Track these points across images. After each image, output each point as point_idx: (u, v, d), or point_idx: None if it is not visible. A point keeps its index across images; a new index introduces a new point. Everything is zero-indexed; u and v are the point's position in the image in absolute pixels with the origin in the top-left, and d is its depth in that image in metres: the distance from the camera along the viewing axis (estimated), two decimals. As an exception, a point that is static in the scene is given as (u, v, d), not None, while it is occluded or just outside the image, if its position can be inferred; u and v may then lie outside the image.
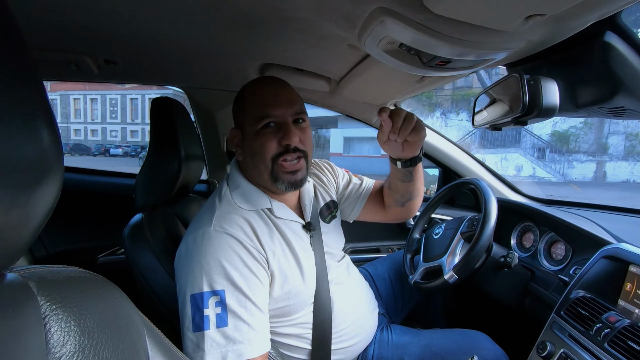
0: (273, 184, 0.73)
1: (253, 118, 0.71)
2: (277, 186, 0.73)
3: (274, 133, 0.71)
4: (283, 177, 0.72)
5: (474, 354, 0.75)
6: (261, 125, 0.71)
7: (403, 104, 1.43)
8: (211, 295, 0.61)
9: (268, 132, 0.71)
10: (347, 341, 0.81)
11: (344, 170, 1.05)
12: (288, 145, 0.71)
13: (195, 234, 0.67)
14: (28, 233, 0.26)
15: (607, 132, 14.48)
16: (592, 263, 0.79)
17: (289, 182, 0.73)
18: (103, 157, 22.51)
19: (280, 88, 0.74)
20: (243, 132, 0.75)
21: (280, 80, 0.76)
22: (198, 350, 0.58)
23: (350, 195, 1.00)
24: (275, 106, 0.71)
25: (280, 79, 0.77)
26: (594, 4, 0.49)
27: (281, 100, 0.72)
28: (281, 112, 0.71)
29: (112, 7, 0.69)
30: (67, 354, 0.26)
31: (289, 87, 0.76)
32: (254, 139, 0.72)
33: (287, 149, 0.71)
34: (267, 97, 0.72)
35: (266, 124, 0.71)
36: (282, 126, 0.71)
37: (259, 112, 0.71)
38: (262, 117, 0.70)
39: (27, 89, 0.24)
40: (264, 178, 0.74)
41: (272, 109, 0.71)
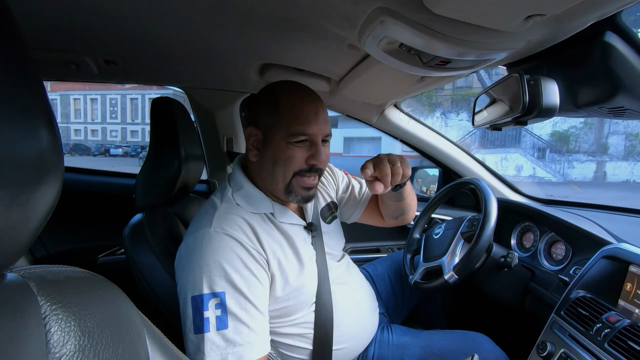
0: (285, 194, 0.74)
1: (287, 129, 0.69)
2: (289, 198, 0.74)
3: (304, 149, 0.71)
4: (298, 191, 0.73)
5: (475, 353, 0.75)
6: (295, 140, 0.69)
7: (403, 104, 1.43)
8: (211, 298, 0.61)
9: (299, 147, 0.70)
10: (348, 341, 0.81)
11: (343, 172, 1.05)
12: (314, 165, 0.71)
13: (195, 234, 0.66)
14: (28, 233, 0.26)
15: (607, 132, 14.49)
16: (592, 263, 0.79)
17: (303, 197, 0.74)
18: (103, 157, 22.52)
19: (319, 105, 0.73)
20: (267, 135, 0.72)
21: (317, 96, 0.75)
22: (199, 352, 0.58)
23: (350, 199, 1.01)
24: (314, 125, 0.70)
25: (315, 92, 0.75)
26: (594, 4, 0.49)
27: (319, 119, 0.71)
28: (316, 131, 0.70)
29: (112, 7, 0.69)
30: (67, 354, 0.26)
31: (324, 103, 0.75)
32: (282, 149, 0.70)
33: (312, 168, 0.72)
34: (307, 114, 0.70)
35: (300, 140, 0.70)
36: (312, 145, 0.71)
37: (297, 127, 0.69)
38: (298, 132, 0.69)
39: (27, 89, 0.24)
40: (278, 188, 0.73)
41: (311, 127, 0.70)
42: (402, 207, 0.94)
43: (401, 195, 0.89)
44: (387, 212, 0.99)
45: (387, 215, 1.01)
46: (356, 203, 1.01)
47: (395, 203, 0.92)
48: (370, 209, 1.02)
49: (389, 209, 0.97)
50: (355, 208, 1.01)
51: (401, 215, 0.98)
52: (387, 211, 0.99)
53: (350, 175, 1.07)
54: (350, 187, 1.02)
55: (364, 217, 1.03)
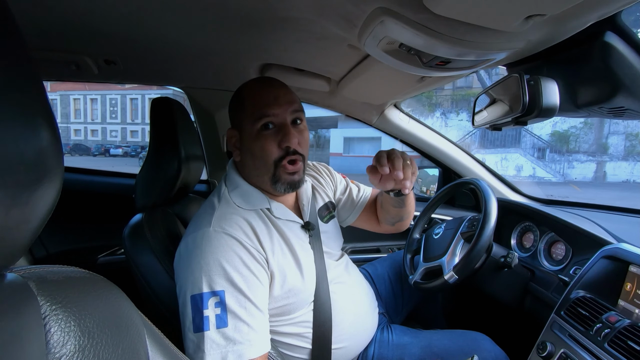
0: (272, 186, 0.74)
1: (252, 118, 0.71)
2: (276, 188, 0.74)
3: (273, 135, 0.71)
4: (284, 178, 0.73)
5: (474, 354, 0.75)
6: (260, 124, 0.71)
7: (403, 104, 1.43)
8: (211, 296, 0.61)
9: (268, 134, 0.71)
10: (347, 340, 0.81)
11: (341, 175, 1.05)
12: (288, 147, 0.71)
13: (194, 234, 0.67)
14: (28, 233, 0.26)
15: (607, 132, 14.48)
16: (592, 263, 0.79)
17: (288, 183, 0.73)
18: (103, 157, 22.51)
19: (279, 88, 0.74)
20: (241, 133, 0.75)
21: (277, 81, 0.76)
22: (198, 351, 0.59)
23: (347, 202, 1.00)
24: (275, 105, 0.71)
25: (278, 80, 0.77)
26: (594, 4, 0.49)
27: (280, 100, 0.72)
28: (280, 111, 0.71)
29: (113, 7, 0.69)
30: (67, 354, 0.26)
31: (287, 87, 0.76)
32: (254, 141, 0.72)
33: (287, 151, 0.72)
34: (266, 97, 0.72)
35: (265, 124, 0.71)
36: (281, 128, 0.71)
37: (257, 112, 0.71)
38: (260, 116, 0.70)
39: (27, 89, 0.24)
40: (264, 180, 0.74)
41: (271, 108, 0.71)
42: (402, 213, 0.93)
43: (403, 202, 0.88)
44: (386, 217, 0.97)
45: (384, 220, 0.99)
46: (353, 206, 1.00)
47: (396, 209, 0.91)
48: (366, 213, 1.01)
49: (388, 215, 0.95)
50: (352, 211, 1.00)
51: (399, 221, 0.97)
52: (385, 217, 0.97)
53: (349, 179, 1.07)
54: (348, 190, 1.01)
55: (359, 221, 1.02)
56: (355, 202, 1.00)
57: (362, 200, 1.01)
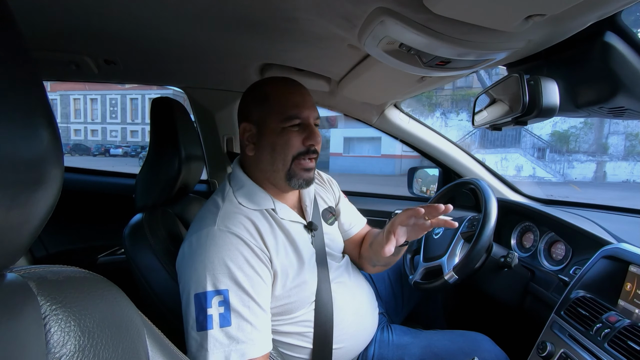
0: (286, 181, 0.74)
1: (280, 115, 0.72)
2: (291, 184, 0.75)
3: (299, 132, 0.73)
4: (300, 174, 0.74)
5: (475, 356, 0.75)
6: (289, 124, 0.72)
7: (403, 104, 1.43)
8: (215, 295, 0.61)
9: (294, 131, 0.72)
10: (347, 340, 0.81)
11: (344, 196, 1.02)
12: (311, 145, 0.73)
13: (199, 233, 0.67)
14: (28, 233, 0.26)
15: (607, 132, 14.48)
16: (592, 263, 0.79)
17: (304, 180, 0.75)
18: (103, 157, 22.52)
19: (305, 92, 0.76)
20: (261, 128, 0.74)
21: (301, 84, 0.78)
22: (201, 349, 0.59)
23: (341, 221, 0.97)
24: (304, 108, 0.73)
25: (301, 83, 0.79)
26: (594, 4, 0.49)
27: (308, 104, 0.74)
28: (307, 114, 0.73)
29: (112, 7, 0.69)
30: (67, 354, 0.26)
31: (309, 91, 0.78)
32: (278, 136, 0.72)
33: (309, 149, 0.74)
34: (296, 98, 0.73)
35: (294, 124, 0.72)
36: (306, 127, 0.73)
37: (288, 111, 0.72)
38: (291, 116, 0.72)
39: (27, 89, 0.24)
40: (279, 175, 0.74)
41: (301, 110, 0.73)
42: (390, 261, 0.91)
43: (399, 252, 0.84)
44: (371, 259, 0.92)
45: (367, 260, 0.94)
46: (342, 230, 0.96)
47: (388, 258, 0.82)
48: (349, 244, 0.98)
49: (375, 257, 0.89)
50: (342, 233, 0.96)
51: (380, 266, 0.93)
52: (371, 258, 0.92)
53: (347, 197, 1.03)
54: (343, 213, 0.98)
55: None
56: (344, 228, 0.97)
57: (351, 230, 0.98)
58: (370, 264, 0.95)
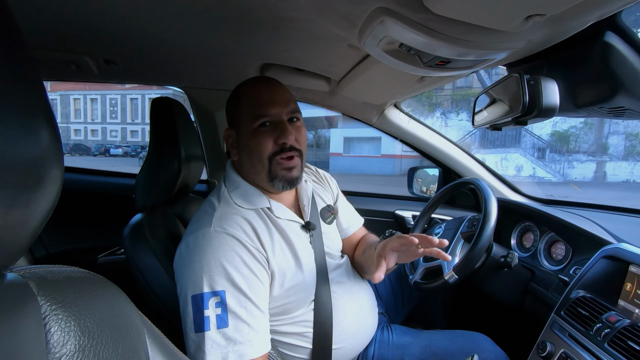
0: (269, 183, 0.74)
1: (249, 117, 0.72)
2: (274, 185, 0.74)
3: (270, 132, 0.72)
4: (280, 174, 0.73)
5: (474, 354, 0.75)
6: (257, 124, 0.71)
7: (403, 104, 1.43)
8: (211, 296, 0.61)
9: (264, 131, 0.71)
10: (347, 340, 0.81)
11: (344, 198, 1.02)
12: (284, 143, 0.72)
13: (195, 234, 0.67)
14: (28, 233, 0.26)
15: (607, 132, 14.47)
16: (592, 263, 0.79)
17: (286, 180, 0.73)
18: (103, 157, 22.52)
19: (276, 88, 0.75)
20: (238, 132, 0.75)
21: (274, 80, 0.77)
22: (199, 351, 0.59)
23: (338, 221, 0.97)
24: (272, 105, 0.72)
25: (274, 79, 0.77)
26: (594, 4, 0.49)
27: (277, 100, 0.73)
28: (277, 111, 0.72)
29: (113, 7, 0.69)
30: (67, 354, 0.26)
31: (284, 87, 0.77)
32: (250, 138, 0.72)
33: (283, 147, 0.72)
34: (263, 97, 0.72)
35: (262, 123, 0.71)
36: (278, 125, 0.72)
37: (255, 111, 0.71)
38: (258, 116, 0.71)
39: (27, 89, 0.24)
40: (261, 177, 0.74)
41: (269, 108, 0.71)
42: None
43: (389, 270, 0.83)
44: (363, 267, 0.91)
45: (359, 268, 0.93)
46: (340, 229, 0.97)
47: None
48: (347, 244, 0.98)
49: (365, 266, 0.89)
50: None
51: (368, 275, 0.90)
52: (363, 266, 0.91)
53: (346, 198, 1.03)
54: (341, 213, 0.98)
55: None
56: (341, 227, 0.97)
57: (348, 229, 0.99)
58: (360, 270, 0.93)
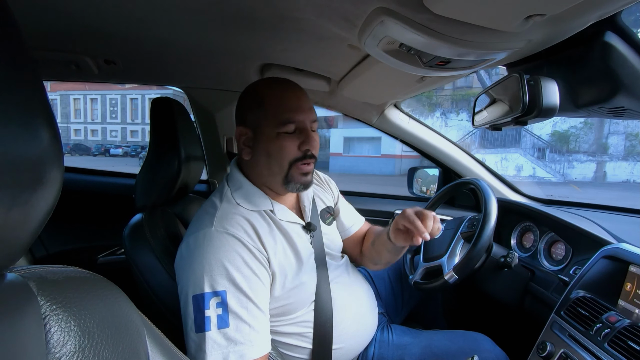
0: (283, 185, 0.74)
1: (275, 120, 0.71)
2: (288, 188, 0.74)
3: (294, 138, 0.72)
4: (297, 178, 0.73)
5: (475, 354, 0.75)
6: (283, 129, 0.71)
7: (403, 104, 1.43)
8: (212, 296, 0.61)
9: (289, 137, 0.71)
10: (347, 340, 0.81)
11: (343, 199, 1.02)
12: (307, 150, 0.72)
13: (196, 234, 0.66)
14: (28, 233, 0.26)
15: (607, 132, 14.48)
16: (592, 263, 0.79)
17: (302, 184, 0.74)
18: (103, 157, 22.53)
19: (302, 94, 0.75)
20: (257, 132, 0.73)
21: (298, 85, 0.76)
22: (200, 351, 0.59)
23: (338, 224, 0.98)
24: (299, 112, 0.72)
25: (297, 84, 0.77)
26: (594, 4, 0.49)
27: (304, 107, 0.73)
28: (303, 117, 0.72)
29: (113, 7, 0.69)
30: (67, 354, 0.26)
31: (306, 93, 0.77)
32: (273, 141, 0.71)
33: (306, 154, 0.73)
34: (291, 102, 0.72)
35: (287, 127, 0.71)
36: (302, 131, 0.72)
37: (283, 116, 0.70)
38: (286, 121, 0.70)
39: (27, 89, 0.24)
40: (275, 180, 0.74)
41: (296, 114, 0.71)
42: (390, 260, 0.92)
43: (400, 251, 0.88)
44: (372, 257, 0.94)
45: (369, 259, 0.96)
46: (342, 229, 0.98)
47: (389, 255, 0.89)
48: (351, 242, 1.00)
49: (377, 256, 0.92)
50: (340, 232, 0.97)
51: (381, 264, 0.95)
52: (372, 256, 0.94)
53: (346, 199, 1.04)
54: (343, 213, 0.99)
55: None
56: (344, 226, 0.98)
57: (351, 228, 1.00)
58: (371, 262, 0.96)
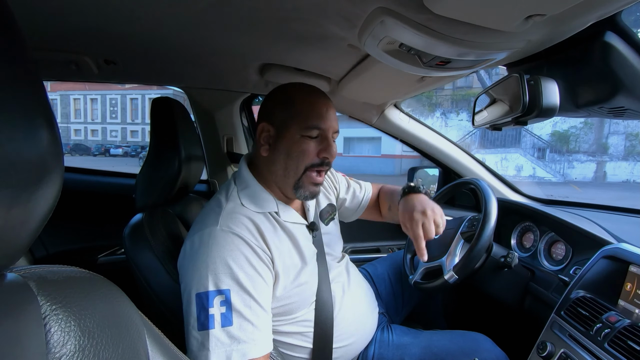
0: (293, 190, 0.75)
1: (302, 123, 0.72)
2: (297, 193, 0.75)
3: (316, 144, 0.73)
4: (307, 187, 0.75)
5: (475, 356, 0.75)
6: (308, 133, 0.72)
7: (403, 104, 1.43)
8: (216, 295, 0.61)
9: (312, 141, 0.73)
10: (347, 339, 0.81)
11: (341, 174, 1.08)
12: (325, 158, 0.74)
13: (201, 233, 0.67)
14: (28, 233, 0.26)
15: (607, 132, 14.48)
16: (592, 263, 0.79)
17: (310, 193, 0.76)
18: (103, 157, 22.52)
19: (330, 105, 0.77)
20: (280, 131, 0.74)
21: (329, 97, 0.78)
22: (203, 349, 0.59)
23: (352, 202, 1.05)
24: (326, 120, 0.74)
25: (328, 96, 0.79)
26: (594, 4, 0.49)
27: (330, 116, 0.75)
28: (328, 126, 0.74)
29: (113, 7, 0.69)
30: (67, 354, 0.26)
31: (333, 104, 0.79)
32: (295, 143, 0.72)
33: (323, 162, 0.74)
34: (320, 109, 0.74)
35: (311, 132, 0.73)
36: (323, 139, 0.74)
37: (311, 120, 0.72)
38: (312, 126, 0.72)
39: (27, 89, 0.24)
40: (288, 182, 0.75)
41: (323, 121, 0.73)
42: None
43: None
44: (392, 217, 1.04)
45: (389, 217, 1.07)
46: (357, 204, 1.06)
47: None
48: (369, 209, 1.08)
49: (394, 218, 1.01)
50: (356, 209, 1.07)
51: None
52: (391, 216, 1.04)
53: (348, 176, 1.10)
54: (352, 190, 1.06)
55: (363, 215, 1.10)
56: (359, 201, 1.06)
57: (365, 199, 1.07)
58: (393, 221, 1.06)
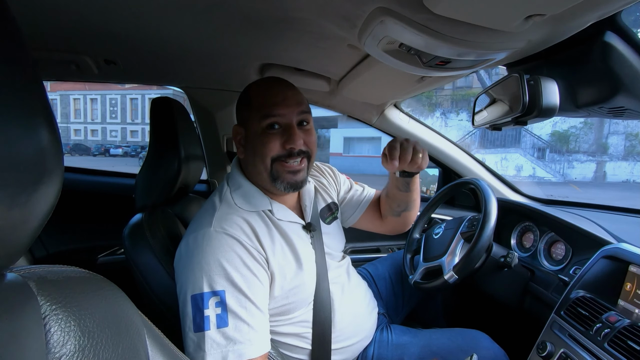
0: (272, 184, 0.74)
1: (258, 116, 0.71)
2: (276, 186, 0.73)
3: (278, 135, 0.71)
4: (283, 176, 0.73)
5: (474, 353, 0.75)
6: (266, 124, 0.71)
7: (403, 104, 1.43)
8: (211, 296, 0.61)
9: (273, 133, 0.71)
10: (346, 340, 0.81)
11: (345, 176, 1.06)
12: (292, 149, 0.71)
13: (195, 234, 0.67)
14: (28, 233, 0.26)
15: (607, 132, 14.48)
16: (592, 263, 0.79)
17: (289, 183, 0.73)
18: (103, 157, 22.52)
19: (288, 89, 0.74)
20: (247, 130, 0.74)
21: (286, 82, 0.76)
22: (199, 350, 0.59)
23: (351, 201, 1.01)
24: (282, 106, 0.71)
25: (286, 80, 0.77)
26: (594, 4, 0.49)
27: (288, 101, 0.72)
28: (287, 112, 0.71)
29: (113, 7, 0.69)
30: (67, 354, 0.26)
31: (295, 88, 0.76)
32: (258, 138, 0.72)
33: (291, 153, 0.72)
34: (274, 97, 0.72)
35: (271, 124, 0.71)
36: (287, 129, 0.72)
37: (265, 111, 0.71)
38: (267, 115, 0.71)
39: (27, 89, 0.24)
40: (263, 177, 0.74)
41: (278, 108, 0.71)
42: (407, 200, 0.93)
43: (409, 186, 0.90)
44: (392, 205, 0.96)
45: (390, 211, 0.98)
46: (357, 204, 1.01)
47: (402, 194, 0.92)
48: (369, 211, 1.03)
49: (394, 202, 0.95)
50: (355, 209, 1.01)
51: (404, 210, 0.96)
52: (391, 205, 0.97)
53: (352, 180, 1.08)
54: (352, 190, 1.03)
55: (362, 220, 1.03)
56: (359, 201, 1.02)
57: (365, 200, 1.02)
58: (395, 215, 0.98)
